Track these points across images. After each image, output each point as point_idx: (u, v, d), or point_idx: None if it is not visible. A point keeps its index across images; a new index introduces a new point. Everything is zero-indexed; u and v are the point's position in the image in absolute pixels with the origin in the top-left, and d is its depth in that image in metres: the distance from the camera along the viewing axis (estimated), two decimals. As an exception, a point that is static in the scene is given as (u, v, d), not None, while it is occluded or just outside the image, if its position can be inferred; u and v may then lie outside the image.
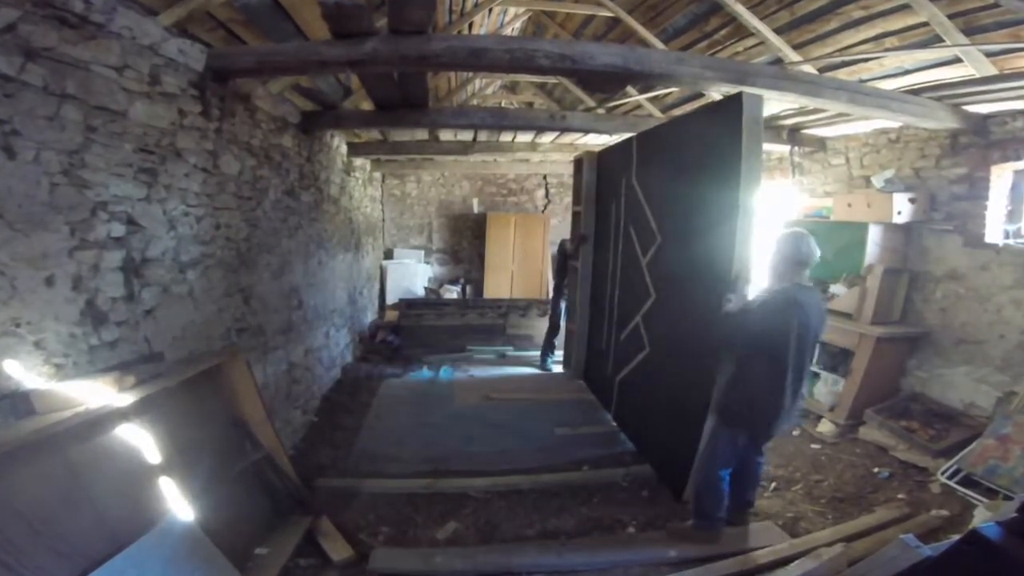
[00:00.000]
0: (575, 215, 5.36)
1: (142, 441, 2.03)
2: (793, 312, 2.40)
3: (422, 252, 8.84)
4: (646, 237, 3.68)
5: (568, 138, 5.62)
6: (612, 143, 5.25)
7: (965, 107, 3.48)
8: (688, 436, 2.86)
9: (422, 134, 5.48)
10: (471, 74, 6.09)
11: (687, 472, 2.92)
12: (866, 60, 3.38)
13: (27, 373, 1.68)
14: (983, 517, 2.57)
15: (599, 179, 4.92)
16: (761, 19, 3.56)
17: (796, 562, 2.41)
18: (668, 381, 3.27)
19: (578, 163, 5.20)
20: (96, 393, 1.77)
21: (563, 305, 5.71)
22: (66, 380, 1.78)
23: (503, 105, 7.60)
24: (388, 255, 8.68)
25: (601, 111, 5.54)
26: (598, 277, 4.84)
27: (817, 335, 2.53)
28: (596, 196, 4.95)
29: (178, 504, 2.07)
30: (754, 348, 2.49)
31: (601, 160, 4.93)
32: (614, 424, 4.17)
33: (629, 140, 4.16)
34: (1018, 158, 3.44)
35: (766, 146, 5.17)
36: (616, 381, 4.12)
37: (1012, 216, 3.62)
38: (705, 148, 2.98)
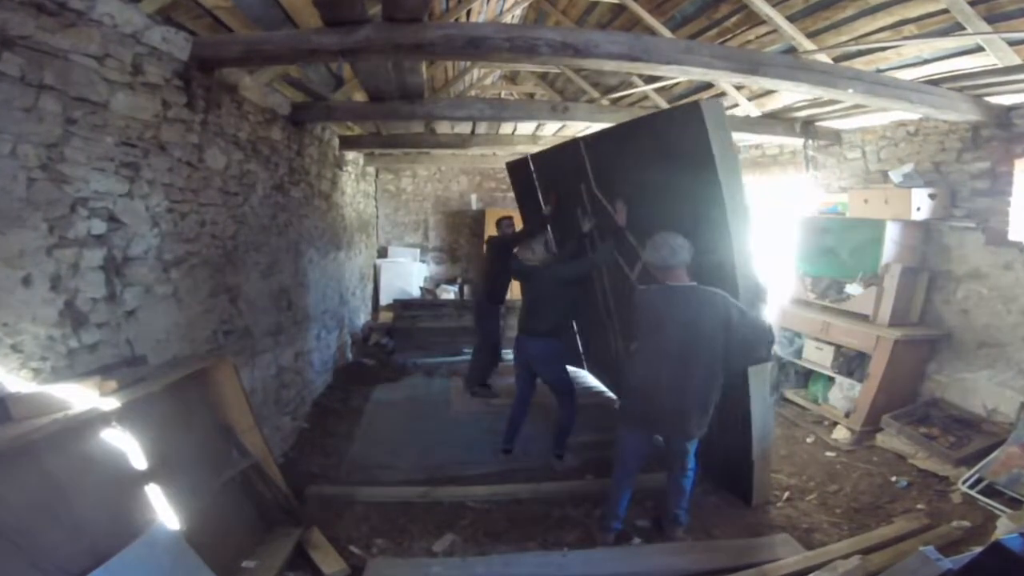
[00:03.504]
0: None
1: (124, 449, 2.02)
2: (658, 302, 2.65)
3: (418, 250, 8.84)
4: (628, 254, 3.60)
5: (571, 130, 5.63)
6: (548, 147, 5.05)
7: (987, 98, 3.48)
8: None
9: (418, 126, 5.48)
10: (469, 64, 6.10)
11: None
12: (883, 49, 3.38)
13: (4, 377, 1.68)
14: (1006, 528, 2.57)
15: (543, 184, 4.76)
16: (773, 6, 3.56)
17: (811, 575, 2.41)
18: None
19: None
20: (76, 398, 1.77)
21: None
22: (45, 384, 1.78)
23: (503, 96, 7.60)
24: (382, 253, 8.68)
25: (605, 102, 5.54)
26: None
27: (711, 330, 2.53)
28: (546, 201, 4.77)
29: (162, 515, 2.06)
30: (635, 338, 2.79)
31: (542, 164, 4.76)
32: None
33: (575, 144, 3.95)
34: (1043, 152, 3.44)
35: (778, 139, 5.20)
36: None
37: (1037, 212, 3.61)
38: (675, 161, 2.85)
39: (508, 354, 6.39)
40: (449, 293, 8.44)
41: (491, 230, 8.47)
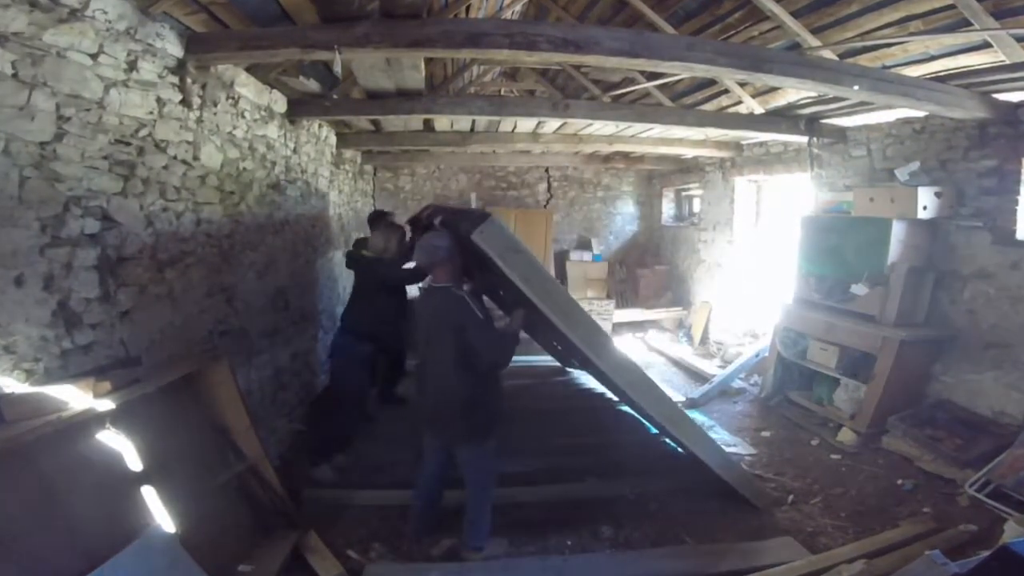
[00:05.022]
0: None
1: (119, 450, 2.02)
2: (420, 303, 2.82)
3: (416, 250, 8.82)
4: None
5: (572, 127, 5.63)
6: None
7: (994, 95, 3.48)
8: None
9: (416, 124, 5.49)
10: (468, 61, 6.10)
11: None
12: (889, 45, 3.38)
13: (-4, 378, 1.68)
14: (1014, 532, 2.57)
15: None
16: (777, 2, 3.56)
17: (815, 580, 2.42)
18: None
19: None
20: (69, 399, 1.77)
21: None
22: (38, 386, 1.78)
23: (502, 93, 7.60)
24: (380, 253, 8.65)
25: (606, 99, 5.55)
26: None
27: (448, 332, 2.54)
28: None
29: (157, 518, 2.06)
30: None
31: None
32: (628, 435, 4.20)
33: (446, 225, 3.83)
34: (1051, 150, 3.44)
35: (782, 137, 5.20)
36: None
37: (1045, 211, 3.61)
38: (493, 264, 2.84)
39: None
40: (448, 293, 8.43)
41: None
